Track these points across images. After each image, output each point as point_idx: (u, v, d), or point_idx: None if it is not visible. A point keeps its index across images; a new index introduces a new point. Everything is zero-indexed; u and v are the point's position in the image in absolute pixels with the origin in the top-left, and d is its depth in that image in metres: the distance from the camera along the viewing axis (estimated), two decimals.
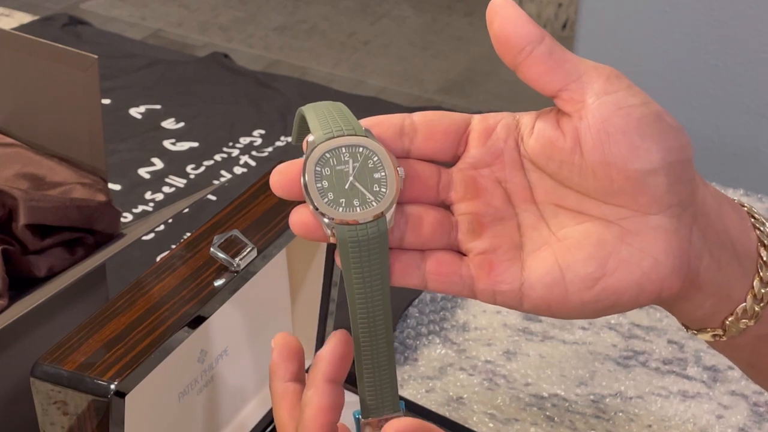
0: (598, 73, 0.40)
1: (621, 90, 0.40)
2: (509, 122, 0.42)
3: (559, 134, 0.40)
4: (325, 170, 0.40)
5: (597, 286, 0.40)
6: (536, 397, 0.78)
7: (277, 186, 0.40)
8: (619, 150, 0.39)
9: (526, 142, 0.42)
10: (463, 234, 0.42)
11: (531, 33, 0.40)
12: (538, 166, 0.42)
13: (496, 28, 0.40)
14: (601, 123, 0.39)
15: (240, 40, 2.69)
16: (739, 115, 1.30)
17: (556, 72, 0.40)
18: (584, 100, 0.40)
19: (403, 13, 2.88)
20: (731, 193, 1.02)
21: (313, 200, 0.40)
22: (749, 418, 0.76)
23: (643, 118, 0.40)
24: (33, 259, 0.66)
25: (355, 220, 0.39)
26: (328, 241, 0.40)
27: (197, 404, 0.63)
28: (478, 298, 0.42)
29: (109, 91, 1.23)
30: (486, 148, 0.42)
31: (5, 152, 0.72)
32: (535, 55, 0.40)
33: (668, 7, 1.28)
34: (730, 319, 0.43)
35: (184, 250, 0.60)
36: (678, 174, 0.40)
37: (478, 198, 0.42)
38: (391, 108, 1.24)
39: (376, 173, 0.40)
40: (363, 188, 0.40)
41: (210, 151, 1.13)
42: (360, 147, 0.40)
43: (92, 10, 2.79)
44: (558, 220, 0.42)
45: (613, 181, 0.40)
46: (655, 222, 0.40)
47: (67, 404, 0.51)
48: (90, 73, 0.67)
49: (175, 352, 0.55)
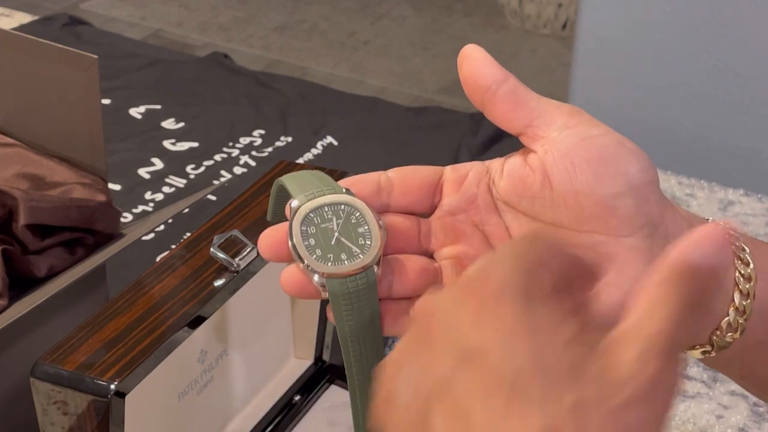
0: (559, 110, 0.43)
1: (582, 123, 0.42)
2: (479, 169, 0.45)
3: (528, 171, 0.43)
4: (310, 229, 0.41)
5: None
6: None
7: (266, 249, 0.42)
8: (585, 178, 0.41)
9: (498, 185, 0.44)
10: (447, 278, 0.43)
11: (496, 74, 0.43)
12: (511, 205, 0.44)
13: (464, 70, 0.43)
14: (566, 155, 0.42)
15: (240, 40, 2.69)
16: (739, 115, 1.30)
17: (520, 110, 0.43)
18: (548, 135, 0.42)
19: (403, 13, 2.88)
20: (731, 193, 1.02)
21: (303, 258, 0.41)
22: (749, 418, 0.76)
23: (605, 147, 0.42)
24: (33, 259, 0.66)
25: (345, 272, 0.41)
26: (320, 297, 0.41)
27: (197, 404, 0.63)
28: None
29: (109, 91, 1.23)
30: (460, 195, 0.44)
31: (5, 152, 0.72)
32: (500, 94, 0.43)
33: (668, 7, 1.28)
34: (716, 334, 0.44)
35: (184, 250, 0.60)
36: (644, 195, 0.42)
37: (458, 242, 0.44)
38: (391, 108, 1.24)
39: (359, 228, 0.42)
40: (349, 243, 0.41)
41: (210, 151, 1.13)
42: (342, 204, 0.42)
43: (92, 10, 2.79)
44: None
45: (583, 208, 0.42)
46: (629, 243, 0.42)
47: (67, 404, 0.51)
48: (90, 73, 0.67)
49: (175, 352, 0.55)
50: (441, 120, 1.21)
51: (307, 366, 0.73)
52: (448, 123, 1.19)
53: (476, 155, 1.11)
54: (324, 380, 0.73)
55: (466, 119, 1.20)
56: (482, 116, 1.22)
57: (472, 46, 0.44)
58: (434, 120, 1.20)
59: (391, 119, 1.21)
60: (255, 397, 0.70)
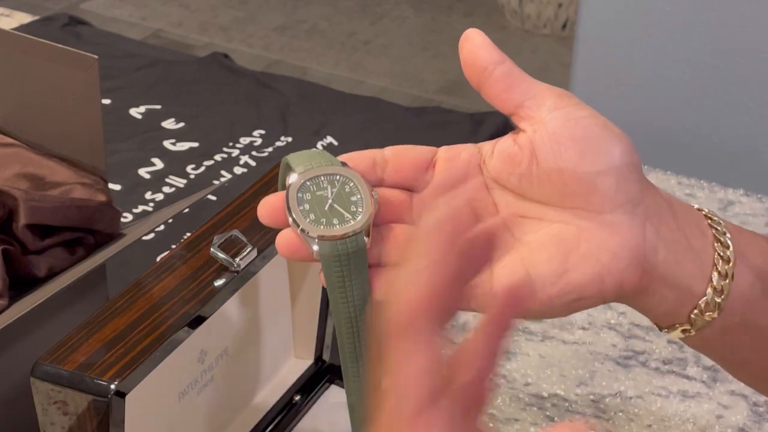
0: (550, 92, 0.45)
1: (570, 105, 0.45)
2: (471, 150, 0.47)
3: (517, 150, 0.45)
4: (306, 195, 0.44)
5: (561, 281, 0.43)
6: (536, 397, 0.78)
7: (264, 214, 0.45)
8: (570, 156, 0.44)
9: (488, 164, 0.46)
10: None
11: (493, 55, 0.45)
12: (500, 183, 0.46)
13: (465, 51, 0.46)
14: (553, 134, 0.44)
15: (240, 40, 2.69)
16: (739, 115, 1.30)
17: (514, 90, 0.45)
18: (538, 115, 0.45)
19: (403, 13, 2.88)
20: (731, 193, 1.02)
21: (297, 221, 0.43)
22: (749, 418, 0.76)
23: (590, 127, 0.44)
24: (33, 259, 0.66)
25: (335, 235, 0.43)
26: (312, 258, 0.43)
27: (197, 404, 0.63)
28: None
29: (109, 91, 1.23)
30: (451, 171, 0.47)
31: (5, 152, 0.72)
32: (496, 75, 0.45)
33: (668, 7, 1.28)
34: (695, 312, 0.46)
35: (184, 250, 0.60)
36: (625, 174, 0.44)
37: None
38: (391, 108, 1.24)
39: (352, 196, 0.44)
40: (341, 209, 0.44)
41: (210, 151, 1.13)
42: (337, 175, 0.45)
43: (92, 10, 2.79)
44: (522, 228, 0.45)
45: (567, 185, 0.44)
46: (609, 219, 0.44)
47: (67, 404, 0.51)
48: (90, 73, 0.67)
49: (176, 352, 0.55)
50: (441, 120, 1.21)
51: (307, 366, 0.73)
52: (448, 123, 1.19)
53: None
54: (324, 380, 0.73)
55: (466, 119, 1.19)
56: (482, 116, 1.22)
57: (473, 30, 0.46)
58: (434, 120, 1.20)
59: (391, 119, 1.21)
60: (255, 397, 0.70)
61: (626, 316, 0.86)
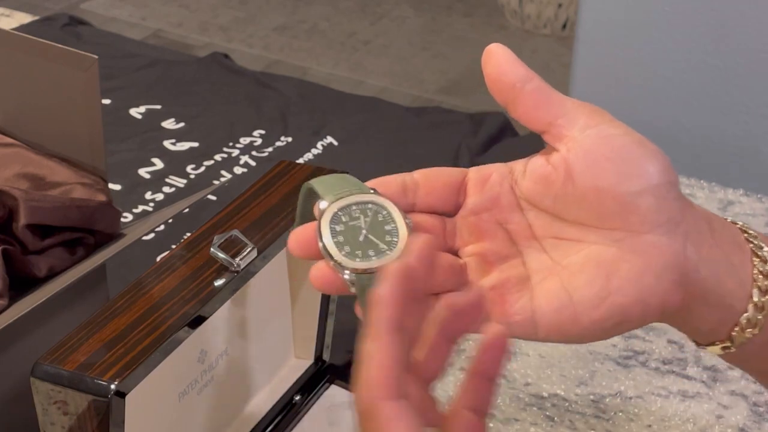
0: (582, 109, 0.44)
1: (604, 123, 0.44)
2: (502, 170, 0.46)
3: (551, 169, 0.44)
4: (338, 227, 0.42)
5: (604, 305, 0.42)
6: (536, 397, 0.78)
7: (295, 247, 0.43)
8: (607, 175, 0.42)
9: (521, 184, 0.45)
10: (473, 273, 0.44)
11: (522, 72, 0.44)
12: (533, 204, 0.45)
13: (489, 68, 0.44)
14: (588, 153, 0.43)
15: (240, 40, 2.69)
16: (739, 115, 1.30)
17: (544, 108, 0.44)
18: (571, 133, 0.43)
19: (403, 13, 2.88)
20: (731, 193, 1.02)
21: (332, 254, 0.42)
22: (749, 418, 0.76)
23: (626, 145, 0.43)
24: (33, 259, 0.66)
25: (373, 268, 0.41)
26: (349, 292, 0.42)
27: (197, 404, 0.63)
28: None
29: (109, 91, 1.23)
30: (483, 194, 0.45)
31: (5, 152, 0.72)
32: (526, 93, 0.44)
33: (668, 7, 1.28)
34: (735, 330, 0.45)
35: (184, 250, 0.60)
36: (664, 194, 0.43)
37: (482, 240, 0.45)
38: (391, 108, 1.24)
39: (386, 225, 0.43)
40: (376, 240, 0.42)
41: (210, 151, 1.13)
42: (369, 203, 0.43)
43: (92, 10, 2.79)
44: (559, 251, 0.44)
45: (604, 206, 0.43)
46: (649, 240, 0.42)
47: (68, 404, 0.51)
48: (90, 73, 0.67)
49: (176, 352, 0.55)
50: (441, 120, 1.20)
51: (307, 366, 0.73)
52: (448, 123, 1.19)
53: (476, 155, 1.11)
54: (324, 380, 0.73)
55: (466, 119, 1.19)
56: (482, 116, 1.22)
57: (496, 45, 0.44)
58: (434, 120, 1.20)
59: (391, 119, 1.21)
60: (255, 397, 0.70)
61: None
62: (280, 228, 0.62)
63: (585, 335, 0.43)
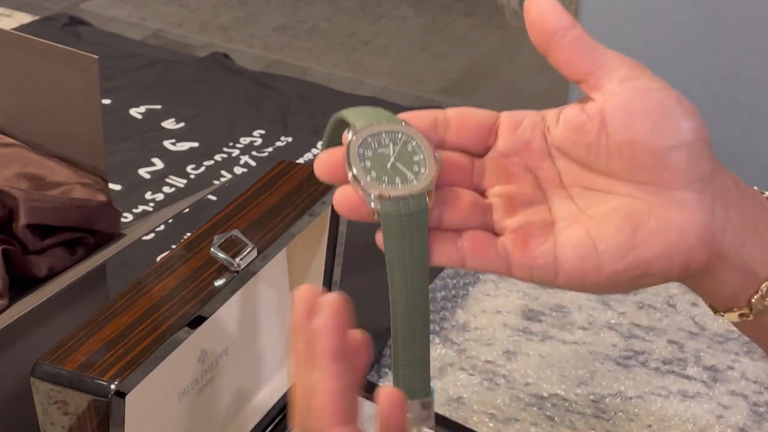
0: (621, 61, 0.44)
1: (642, 76, 0.43)
2: (534, 117, 0.45)
3: (586, 119, 0.43)
4: (367, 152, 0.42)
5: (629, 256, 0.42)
6: (536, 397, 0.78)
7: (322, 169, 0.43)
8: (642, 128, 0.42)
9: (553, 132, 0.44)
10: (497, 214, 0.44)
11: (564, 20, 0.43)
12: (564, 152, 0.44)
13: (532, 15, 0.44)
14: (625, 104, 0.42)
15: (240, 40, 2.69)
16: (739, 115, 1.30)
17: (584, 57, 0.43)
18: (609, 84, 0.43)
19: (403, 13, 2.88)
20: None
21: (358, 178, 0.41)
22: (749, 418, 0.76)
23: (663, 100, 0.43)
24: (33, 259, 0.66)
25: (398, 195, 0.41)
26: (372, 218, 0.42)
27: (197, 404, 0.63)
28: (515, 275, 0.44)
29: (109, 91, 1.23)
30: (514, 138, 0.45)
31: (5, 152, 0.72)
32: (567, 41, 0.43)
33: (668, 6, 1.28)
34: (755, 297, 0.45)
35: (185, 250, 0.60)
36: (697, 151, 0.43)
37: (510, 183, 0.45)
38: (391, 108, 1.24)
39: (415, 156, 0.42)
40: (404, 168, 0.42)
41: (210, 151, 1.13)
42: (399, 132, 0.43)
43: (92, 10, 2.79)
44: (587, 200, 0.44)
45: (637, 159, 0.42)
46: (679, 196, 0.42)
47: (68, 404, 0.51)
48: (90, 73, 0.67)
49: (176, 352, 0.55)
50: None
51: None
52: None
53: None
54: None
55: None
56: None
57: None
58: None
59: None
60: (255, 397, 0.70)
61: (626, 316, 0.86)
62: (280, 228, 0.62)
63: (605, 285, 0.43)
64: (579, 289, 0.44)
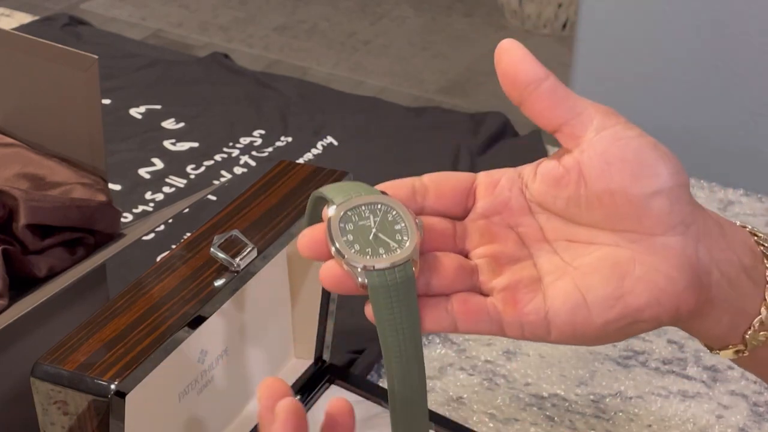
0: (596, 110, 0.44)
1: (618, 125, 0.43)
2: (511, 174, 0.46)
3: (563, 171, 0.43)
4: (348, 225, 0.42)
5: (618, 305, 0.42)
6: (536, 397, 0.78)
7: (305, 247, 0.43)
8: (621, 177, 0.42)
9: (531, 187, 0.45)
10: (484, 275, 0.44)
11: (537, 71, 0.43)
12: (545, 207, 0.45)
13: (503, 65, 0.44)
14: (602, 154, 0.43)
15: (240, 40, 2.69)
16: (739, 115, 1.30)
17: (558, 108, 0.43)
18: (585, 135, 0.43)
19: (403, 13, 2.88)
20: (731, 193, 1.02)
21: (342, 252, 0.42)
22: (749, 418, 0.76)
23: (640, 148, 0.43)
24: (33, 259, 0.66)
25: (383, 265, 0.41)
26: (358, 290, 0.42)
27: (197, 404, 0.63)
28: (507, 334, 0.44)
29: (109, 91, 1.23)
30: (493, 198, 0.45)
31: (5, 152, 0.72)
32: (540, 92, 0.43)
33: (668, 6, 1.28)
34: (749, 333, 0.45)
35: (184, 250, 0.60)
36: (677, 196, 0.43)
37: (493, 243, 0.45)
38: (391, 108, 1.24)
39: (396, 225, 0.43)
40: (386, 238, 0.42)
41: (210, 151, 1.13)
42: (378, 203, 0.43)
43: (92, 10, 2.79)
44: (571, 253, 0.44)
45: (617, 208, 0.43)
46: (662, 242, 0.42)
47: (68, 404, 0.51)
48: (90, 73, 0.67)
49: (176, 352, 0.55)
50: (441, 120, 1.20)
51: (307, 366, 0.73)
52: (448, 123, 1.19)
53: (476, 155, 1.10)
54: (324, 380, 0.73)
55: (466, 119, 1.19)
56: (482, 116, 1.22)
57: (510, 41, 0.44)
58: (434, 120, 1.20)
59: (391, 119, 1.20)
60: (255, 397, 0.70)
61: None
62: (280, 228, 0.62)
63: (598, 336, 0.43)
64: (572, 342, 0.44)
